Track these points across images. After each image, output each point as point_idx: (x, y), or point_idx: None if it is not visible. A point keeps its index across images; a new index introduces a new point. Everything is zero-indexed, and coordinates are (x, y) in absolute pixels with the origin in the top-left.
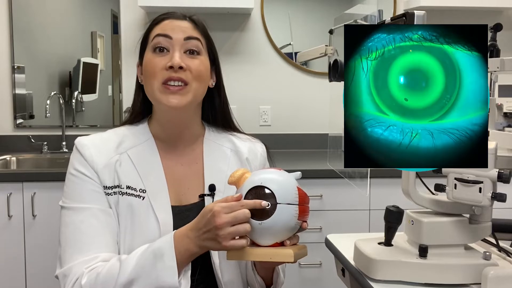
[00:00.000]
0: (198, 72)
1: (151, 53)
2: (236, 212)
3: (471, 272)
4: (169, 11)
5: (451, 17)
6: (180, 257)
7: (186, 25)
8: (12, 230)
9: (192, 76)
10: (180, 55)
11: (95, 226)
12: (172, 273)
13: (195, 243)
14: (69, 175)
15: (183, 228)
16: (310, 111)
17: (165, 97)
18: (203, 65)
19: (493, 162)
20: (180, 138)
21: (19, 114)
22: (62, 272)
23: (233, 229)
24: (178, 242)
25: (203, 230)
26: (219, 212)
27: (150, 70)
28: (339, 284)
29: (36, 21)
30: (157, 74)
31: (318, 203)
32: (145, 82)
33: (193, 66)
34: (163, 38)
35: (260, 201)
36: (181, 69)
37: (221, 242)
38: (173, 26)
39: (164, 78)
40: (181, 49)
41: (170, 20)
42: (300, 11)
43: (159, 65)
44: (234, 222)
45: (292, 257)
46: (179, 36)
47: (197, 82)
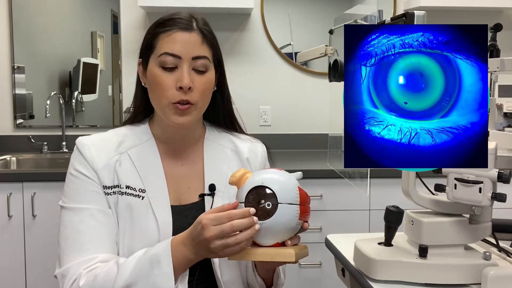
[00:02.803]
0: (203, 90)
1: (157, 67)
2: (222, 226)
3: (471, 272)
4: (175, 15)
5: (451, 17)
6: (177, 264)
7: (195, 39)
8: (12, 230)
9: (198, 96)
10: (189, 74)
11: (94, 227)
12: (169, 280)
13: (191, 251)
14: (69, 175)
15: (180, 235)
16: (310, 111)
17: (174, 117)
18: (208, 81)
19: (493, 162)
20: (182, 140)
21: (19, 114)
22: (61, 272)
23: (223, 242)
24: (175, 249)
25: (196, 241)
26: (207, 225)
27: (159, 87)
28: (339, 284)
29: (36, 21)
30: (167, 93)
31: (318, 203)
32: (152, 94)
33: (199, 85)
34: (171, 57)
35: (248, 209)
36: (189, 90)
37: (216, 252)
38: (182, 42)
39: (175, 100)
40: (189, 66)
41: (178, 32)
42: (300, 11)
43: (168, 82)
44: (221, 235)
45: (293, 257)
46: (187, 54)
47: (202, 100)
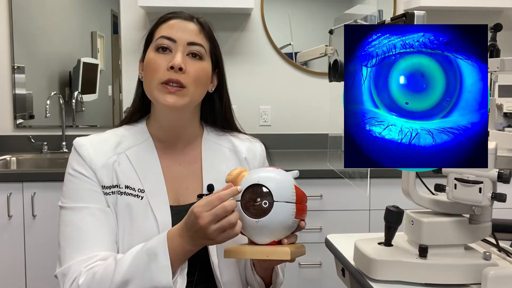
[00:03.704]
0: (196, 76)
1: (153, 52)
2: (215, 209)
3: (471, 272)
4: (176, 11)
5: (451, 17)
6: (174, 256)
7: (192, 28)
8: (12, 230)
9: (190, 80)
10: (182, 57)
11: (94, 225)
12: (166, 273)
13: (189, 242)
14: (68, 175)
15: (175, 228)
16: (310, 111)
17: (162, 96)
18: (203, 70)
19: (493, 162)
20: (179, 138)
21: (19, 114)
22: (61, 271)
23: (218, 226)
24: (171, 241)
25: (192, 231)
26: (200, 213)
27: (151, 68)
28: (339, 284)
29: (36, 21)
30: (158, 73)
31: (318, 203)
32: (145, 79)
33: (192, 69)
34: (167, 40)
35: (236, 187)
36: (181, 71)
37: (213, 238)
38: (179, 27)
39: (164, 79)
40: (184, 51)
41: (177, 20)
42: (300, 11)
43: (160, 64)
44: (216, 219)
45: (288, 255)
46: (183, 38)
47: (194, 86)
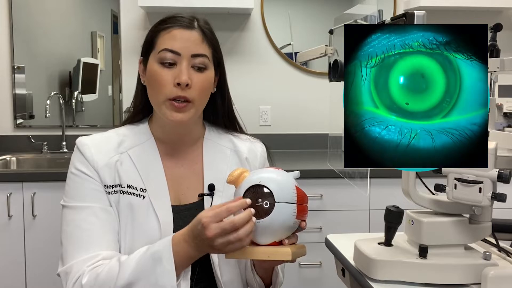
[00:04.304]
0: (201, 88)
1: (157, 64)
2: (223, 224)
3: (471, 272)
4: (177, 14)
5: (451, 17)
6: (179, 261)
7: (195, 37)
8: (12, 230)
9: (196, 94)
10: (187, 70)
11: (96, 224)
12: (171, 277)
13: (194, 248)
14: (70, 174)
15: (180, 232)
16: (310, 111)
17: (169, 112)
18: (207, 80)
19: (493, 162)
20: (181, 139)
21: (19, 114)
22: (64, 270)
23: (225, 240)
24: (176, 246)
25: (198, 239)
26: (208, 224)
27: (157, 82)
28: (339, 284)
29: (36, 21)
30: (165, 88)
31: (318, 203)
32: (150, 91)
33: (197, 82)
34: (171, 53)
35: (245, 200)
36: (187, 86)
37: (219, 249)
38: (181, 38)
39: (171, 96)
40: (188, 64)
41: (179, 30)
42: (300, 11)
43: (166, 79)
44: (224, 233)
45: (289, 256)
46: (187, 51)
47: (200, 97)
